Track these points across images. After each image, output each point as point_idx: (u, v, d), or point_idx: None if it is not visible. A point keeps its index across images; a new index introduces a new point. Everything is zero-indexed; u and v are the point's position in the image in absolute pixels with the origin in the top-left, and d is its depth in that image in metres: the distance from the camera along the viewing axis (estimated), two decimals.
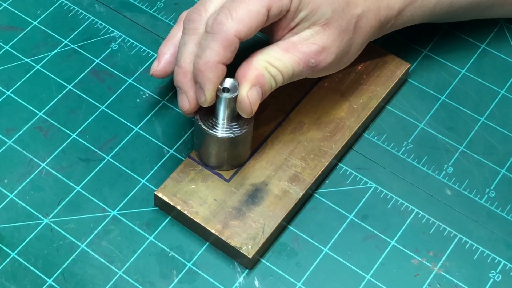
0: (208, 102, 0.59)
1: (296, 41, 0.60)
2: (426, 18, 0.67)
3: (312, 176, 0.62)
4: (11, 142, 0.65)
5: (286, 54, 0.60)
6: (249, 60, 0.60)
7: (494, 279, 0.60)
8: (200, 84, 0.58)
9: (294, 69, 0.60)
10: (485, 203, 0.63)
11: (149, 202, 0.63)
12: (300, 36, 0.60)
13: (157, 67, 0.63)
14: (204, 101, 0.59)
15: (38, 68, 0.69)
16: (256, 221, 0.60)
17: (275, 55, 0.60)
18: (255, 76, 0.59)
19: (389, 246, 0.61)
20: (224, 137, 0.60)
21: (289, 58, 0.60)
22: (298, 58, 0.60)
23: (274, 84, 0.60)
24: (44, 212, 0.62)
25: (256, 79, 0.59)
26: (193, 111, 0.61)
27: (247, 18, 0.58)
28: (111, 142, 0.65)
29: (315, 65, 0.61)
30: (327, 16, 0.60)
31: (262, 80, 0.59)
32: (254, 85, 0.59)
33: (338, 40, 0.61)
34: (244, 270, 0.60)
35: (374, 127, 0.66)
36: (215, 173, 0.62)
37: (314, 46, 0.60)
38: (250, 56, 0.60)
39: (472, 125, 0.67)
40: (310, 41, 0.60)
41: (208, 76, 0.58)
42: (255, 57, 0.60)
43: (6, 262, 0.60)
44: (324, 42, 0.60)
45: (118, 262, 0.60)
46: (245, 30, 0.58)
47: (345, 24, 0.61)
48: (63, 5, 0.73)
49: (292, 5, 0.59)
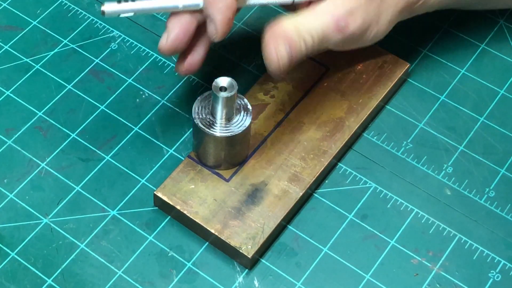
0: (219, 36, 0.59)
1: (324, 5, 0.60)
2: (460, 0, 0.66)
3: (311, 176, 0.62)
4: (11, 142, 0.65)
5: (316, 17, 0.60)
6: (277, 23, 0.60)
7: (493, 279, 0.60)
8: (210, 17, 0.58)
9: (324, 32, 0.60)
10: (484, 203, 0.63)
11: (148, 202, 0.63)
12: (328, 1, 0.60)
13: (166, 42, 0.61)
14: (215, 34, 0.59)
15: (38, 68, 0.69)
16: (256, 221, 0.60)
17: (305, 19, 0.60)
18: (284, 35, 0.59)
19: (389, 246, 0.61)
20: (221, 136, 0.60)
21: (320, 21, 0.60)
22: (328, 20, 0.60)
23: (304, 48, 0.60)
24: (43, 212, 0.62)
25: (285, 38, 0.59)
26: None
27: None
28: (111, 142, 0.65)
29: (344, 27, 0.60)
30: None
31: (291, 41, 0.59)
32: (283, 42, 0.59)
33: (365, 5, 0.61)
34: (244, 270, 0.60)
35: (373, 127, 0.66)
36: (215, 173, 0.62)
37: (342, 9, 0.60)
38: (278, 21, 0.60)
39: (471, 125, 0.67)
40: (338, 3, 0.60)
41: (218, 6, 0.58)
42: (283, 21, 0.60)
43: (6, 262, 0.60)
44: (352, 6, 0.60)
45: (118, 262, 0.60)
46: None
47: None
48: (63, 5, 0.73)
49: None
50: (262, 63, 0.66)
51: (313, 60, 0.68)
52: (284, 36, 0.59)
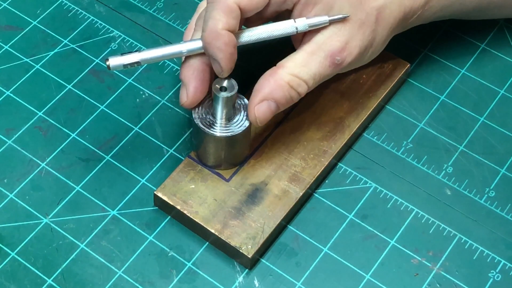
0: (226, 72, 0.59)
1: (320, 40, 0.60)
2: (456, 11, 0.66)
3: (311, 176, 0.62)
4: (11, 142, 0.65)
5: (312, 57, 0.60)
6: (272, 72, 0.60)
7: (493, 278, 0.60)
8: (212, 56, 0.58)
9: (320, 73, 0.60)
10: (484, 203, 0.63)
11: (148, 202, 0.63)
12: (323, 34, 0.60)
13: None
14: (221, 72, 0.59)
15: (38, 68, 0.69)
16: (256, 220, 0.60)
17: (301, 62, 0.60)
18: (270, 91, 0.59)
19: (389, 245, 0.61)
20: (221, 136, 0.60)
21: (315, 62, 0.60)
22: (324, 59, 0.60)
23: (296, 95, 0.60)
24: (43, 211, 0.62)
25: (270, 94, 0.59)
26: (191, 105, 0.61)
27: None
28: (111, 142, 0.65)
29: (340, 62, 0.61)
30: (345, 10, 0.60)
31: (278, 94, 0.59)
32: (266, 99, 0.59)
33: (360, 34, 0.61)
34: (244, 270, 0.60)
35: (373, 126, 0.66)
36: (215, 172, 0.62)
37: (337, 43, 0.60)
38: (275, 68, 0.60)
39: (472, 125, 0.67)
40: (333, 38, 0.60)
41: (216, 45, 0.58)
42: (279, 69, 0.60)
43: (6, 262, 0.60)
44: (347, 37, 0.60)
45: (118, 262, 0.60)
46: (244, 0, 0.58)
47: (365, 17, 0.61)
48: (63, 5, 0.73)
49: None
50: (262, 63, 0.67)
51: None
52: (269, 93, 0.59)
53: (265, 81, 0.60)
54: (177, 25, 0.71)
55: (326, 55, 0.60)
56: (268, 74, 0.60)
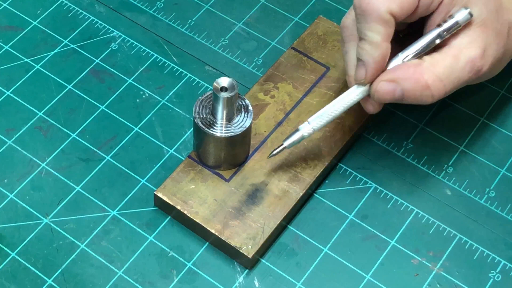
0: (367, 81, 0.59)
1: (461, 44, 0.58)
2: None
3: (312, 176, 0.62)
4: (11, 142, 0.65)
5: (455, 61, 0.58)
6: (416, 63, 0.58)
7: (494, 279, 0.60)
8: (362, 63, 0.58)
9: (460, 78, 0.58)
10: (485, 203, 0.63)
11: (149, 202, 0.63)
12: (463, 39, 0.58)
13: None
14: (363, 79, 0.59)
15: (38, 68, 0.69)
16: (256, 221, 0.60)
17: (445, 64, 0.58)
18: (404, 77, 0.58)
19: (389, 246, 0.61)
20: (222, 136, 0.60)
21: (458, 66, 0.58)
22: (465, 64, 0.58)
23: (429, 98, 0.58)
24: (44, 212, 0.62)
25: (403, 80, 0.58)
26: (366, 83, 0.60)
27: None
28: (111, 142, 0.65)
29: (479, 69, 0.59)
30: (483, 15, 0.58)
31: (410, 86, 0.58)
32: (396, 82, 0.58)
33: (495, 43, 0.59)
34: (244, 270, 0.60)
35: (374, 127, 0.66)
36: (215, 173, 0.62)
37: (478, 49, 0.58)
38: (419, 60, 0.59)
39: (472, 125, 0.67)
40: (473, 44, 0.58)
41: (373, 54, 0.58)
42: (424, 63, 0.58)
43: (6, 262, 0.60)
44: (485, 44, 0.58)
45: (118, 262, 0.60)
46: (396, 8, 0.57)
47: (500, 27, 0.59)
48: (63, 5, 0.73)
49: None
50: (262, 63, 0.67)
51: (313, 60, 0.68)
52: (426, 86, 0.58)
53: (405, 66, 0.58)
54: (177, 25, 0.71)
55: (467, 61, 0.58)
56: (411, 63, 0.58)
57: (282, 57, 0.68)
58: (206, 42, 0.70)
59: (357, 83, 0.60)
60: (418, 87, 0.58)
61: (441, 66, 0.58)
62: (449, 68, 0.58)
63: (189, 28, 0.71)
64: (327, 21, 0.70)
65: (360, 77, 0.59)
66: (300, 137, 0.61)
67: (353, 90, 0.60)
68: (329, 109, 0.61)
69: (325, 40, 0.69)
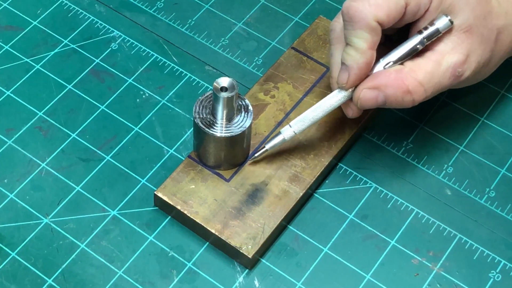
0: (349, 85, 0.59)
1: (444, 50, 0.59)
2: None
3: (312, 176, 0.62)
4: (11, 142, 0.65)
5: (436, 67, 0.59)
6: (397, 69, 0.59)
7: (494, 279, 0.60)
8: (346, 67, 0.59)
9: (441, 83, 0.59)
10: (485, 203, 0.63)
11: (149, 202, 0.63)
12: (446, 44, 0.59)
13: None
14: (345, 83, 0.59)
15: (38, 68, 0.69)
16: (256, 221, 0.60)
17: (427, 69, 0.59)
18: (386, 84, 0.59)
19: (389, 246, 0.61)
20: (222, 136, 0.60)
21: (439, 71, 0.59)
22: (446, 69, 0.59)
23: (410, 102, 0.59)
24: (44, 212, 0.62)
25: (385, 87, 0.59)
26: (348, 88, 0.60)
27: (384, 4, 0.57)
28: (111, 142, 0.65)
29: (460, 74, 0.59)
30: (469, 22, 0.59)
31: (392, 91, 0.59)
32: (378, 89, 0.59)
33: (480, 49, 0.60)
34: (244, 270, 0.60)
35: (374, 127, 0.66)
36: (215, 173, 0.62)
37: (460, 55, 0.59)
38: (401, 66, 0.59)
39: (472, 125, 0.67)
40: (457, 49, 0.59)
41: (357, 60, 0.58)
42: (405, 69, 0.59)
43: (6, 262, 0.60)
44: (468, 50, 0.59)
45: (118, 262, 0.60)
46: (383, 16, 0.57)
47: (486, 33, 0.60)
48: (63, 5, 0.73)
49: (432, 5, 0.59)
50: (262, 63, 0.67)
51: (313, 60, 0.68)
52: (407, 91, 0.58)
53: (386, 72, 0.59)
54: (177, 25, 0.71)
55: (449, 66, 0.59)
56: (393, 69, 0.59)
57: (282, 57, 0.68)
58: (206, 42, 0.70)
59: (339, 87, 0.60)
60: (400, 92, 0.59)
61: (422, 71, 0.59)
62: (430, 73, 0.59)
63: (189, 28, 0.71)
64: (327, 21, 0.70)
65: (342, 81, 0.60)
66: (282, 140, 0.62)
67: (334, 95, 0.61)
68: (310, 114, 0.61)
69: (325, 40, 0.69)
